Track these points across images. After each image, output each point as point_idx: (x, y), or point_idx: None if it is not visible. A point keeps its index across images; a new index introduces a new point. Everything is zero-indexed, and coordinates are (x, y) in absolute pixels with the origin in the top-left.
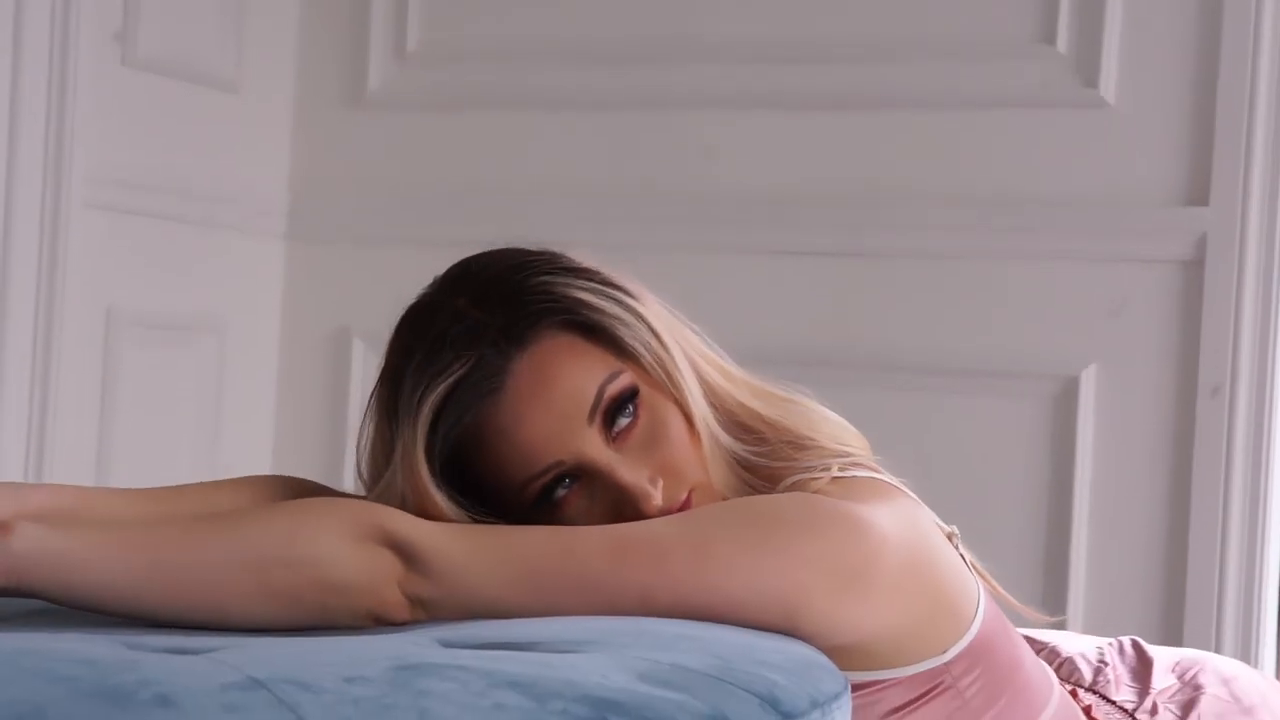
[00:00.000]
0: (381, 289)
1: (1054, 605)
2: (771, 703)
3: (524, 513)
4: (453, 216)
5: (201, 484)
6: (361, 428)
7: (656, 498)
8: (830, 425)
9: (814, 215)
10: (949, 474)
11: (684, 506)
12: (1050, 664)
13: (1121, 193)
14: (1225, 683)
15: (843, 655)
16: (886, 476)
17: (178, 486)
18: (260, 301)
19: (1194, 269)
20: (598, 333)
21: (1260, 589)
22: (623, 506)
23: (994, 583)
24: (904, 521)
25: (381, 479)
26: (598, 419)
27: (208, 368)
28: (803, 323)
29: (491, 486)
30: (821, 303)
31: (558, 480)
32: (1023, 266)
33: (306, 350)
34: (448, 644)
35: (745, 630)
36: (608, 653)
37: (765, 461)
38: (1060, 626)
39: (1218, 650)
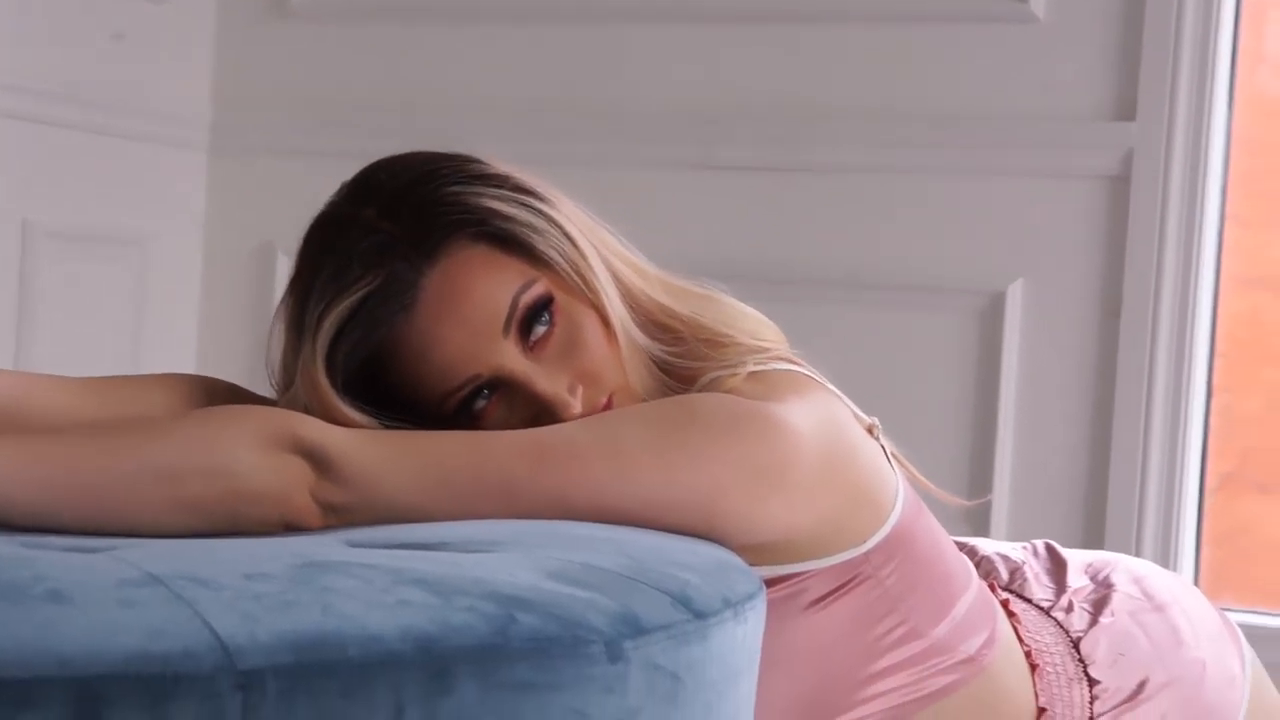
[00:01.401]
0: (306, 203)
1: (979, 514)
2: (684, 601)
3: (443, 426)
4: (377, 130)
5: (138, 378)
6: (270, 335)
7: (576, 406)
8: (747, 320)
9: (740, 130)
10: (876, 389)
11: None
12: (970, 562)
13: (1049, 108)
14: (1136, 581)
15: (762, 551)
16: (805, 369)
17: (113, 379)
18: (183, 215)
19: (1120, 184)
20: (510, 242)
21: (1179, 499)
22: (543, 416)
23: (915, 471)
24: (821, 416)
25: (289, 390)
26: (513, 330)
27: (129, 283)
28: (729, 238)
29: (408, 400)
30: (748, 218)
31: (476, 393)
32: (949, 181)
33: (230, 265)
34: (355, 544)
35: (661, 533)
36: (518, 553)
37: (682, 362)
38: (984, 509)
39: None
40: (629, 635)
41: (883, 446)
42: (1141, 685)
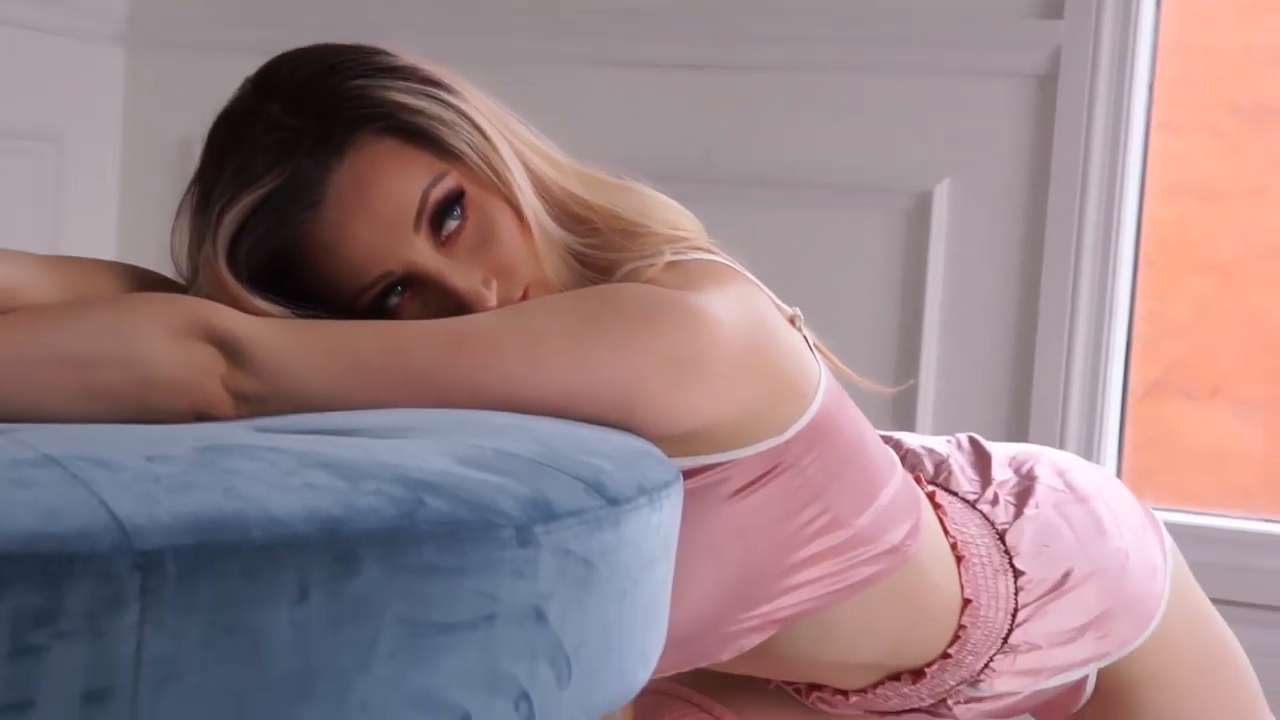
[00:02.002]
0: (226, 97)
1: (904, 410)
2: (597, 488)
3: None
4: (297, 22)
5: (89, 261)
6: (175, 227)
7: (491, 299)
8: (663, 209)
9: (666, 27)
10: (804, 287)
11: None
12: (895, 455)
13: (976, 5)
14: (1060, 474)
15: (682, 442)
16: (723, 258)
17: (62, 258)
18: (100, 110)
19: (1048, 84)
20: (418, 136)
21: (1103, 396)
22: (458, 312)
23: (837, 361)
24: (740, 305)
25: (194, 284)
26: (424, 225)
27: (46, 179)
28: (656, 137)
29: (319, 296)
30: (674, 117)
31: (388, 290)
32: (877, 81)
33: (149, 160)
34: (263, 430)
35: (577, 423)
36: (429, 439)
37: (598, 253)
38: (910, 404)
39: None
40: (540, 520)
41: (805, 337)
42: (1065, 576)
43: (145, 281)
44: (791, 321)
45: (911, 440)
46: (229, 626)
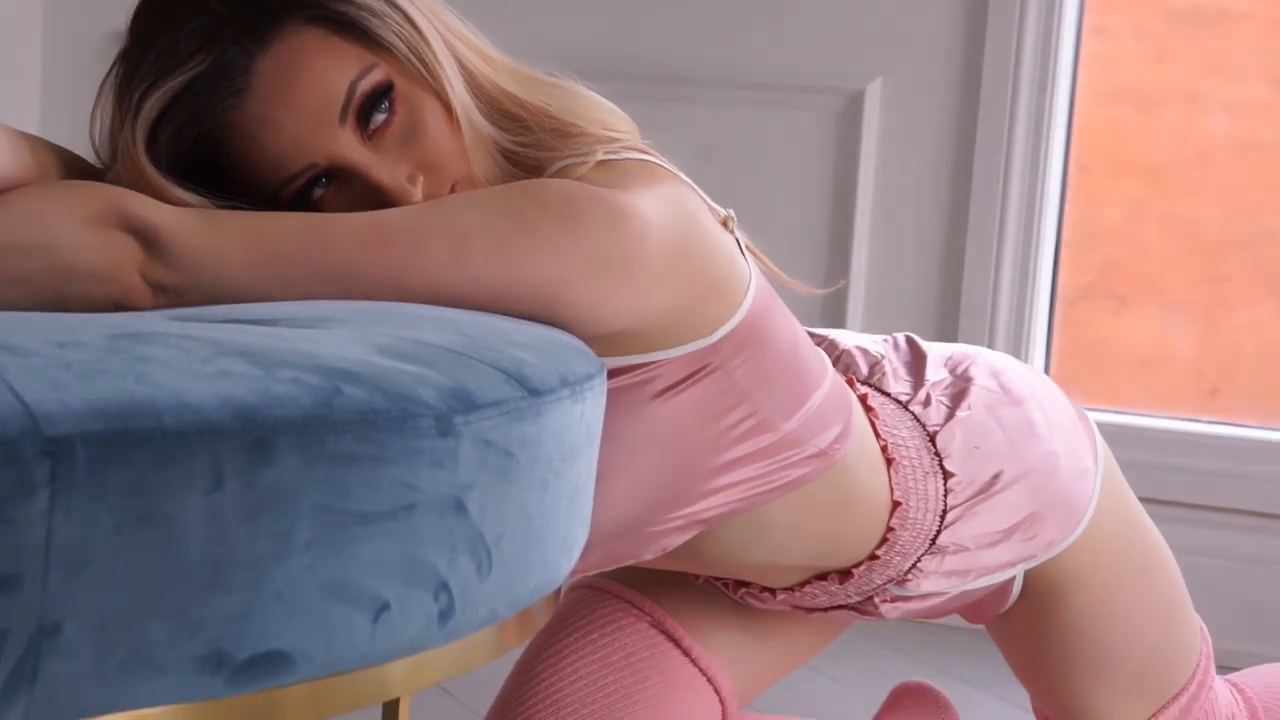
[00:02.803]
0: None
1: (835, 309)
2: (519, 379)
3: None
4: None
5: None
6: (96, 109)
7: (416, 195)
8: (597, 110)
9: None
10: (735, 186)
11: None
12: (828, 356)
13: None
14: (995, 375)
15: (610, 341)
16: (656, 158)
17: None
18: (20, 1)
19: None
20: (347, 26)
21: (1032, 299)
22: (383, 207)
23: (768, 263)
24: (671, 204)
25: (112, 169)
26: (350, 118)
27: None
28: (588, 34)
29: (242, 186)
30: (607, 14)
31: (312, 182)
32: None
33: (72, 55)
34: (179, 319)
35: (500, 316)
36: (349, 329)
37: (530, 151)
38: (840, 305)
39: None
40: (460, 410)
41: (736, 239)
42: (995, 478)
43: (71, 166)
44: (724, 223)
45: (847, 340)
46: (141, 514)
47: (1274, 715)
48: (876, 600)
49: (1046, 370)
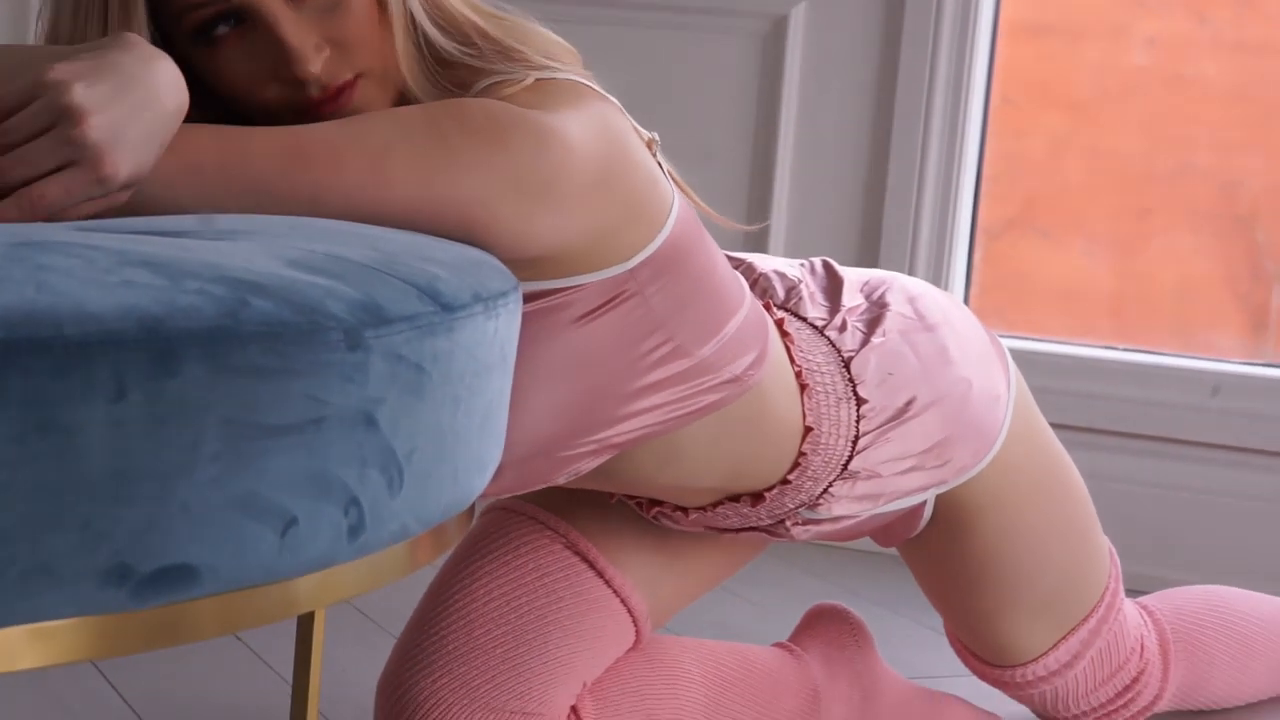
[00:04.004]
0: None
1: (758, 235)
2: (431, 294)
3: (179, 50)
4: None
5: None
6: None
7: (315, 64)
8: (542, 40)
9: None
10: (658, 110)
11: (342, 89)
12: (746, 280)
13: None
14: (910, 301)
15: (527, 265)
16: (592, 84)
17: None
18: None
19: None
20: None
21: (953, 224)
22: (280, 67)
23: (691, 193)
24: (595, 128)
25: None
26: None
27: None
28: None
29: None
30: None
31: (219, 18)
32: None
33: None
34: (83, 229)
35: (416, 233)
36: (258, 241)
37: (466, 61)
38: (762, 236)
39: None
40: (370, 324)
41: (660, 164)
42: (908, 404)
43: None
44: (649, 146)
45: (765, 263)
46: (40, 423)
47: (1182, 637)
48: (788, 523)
49: (965, 300)
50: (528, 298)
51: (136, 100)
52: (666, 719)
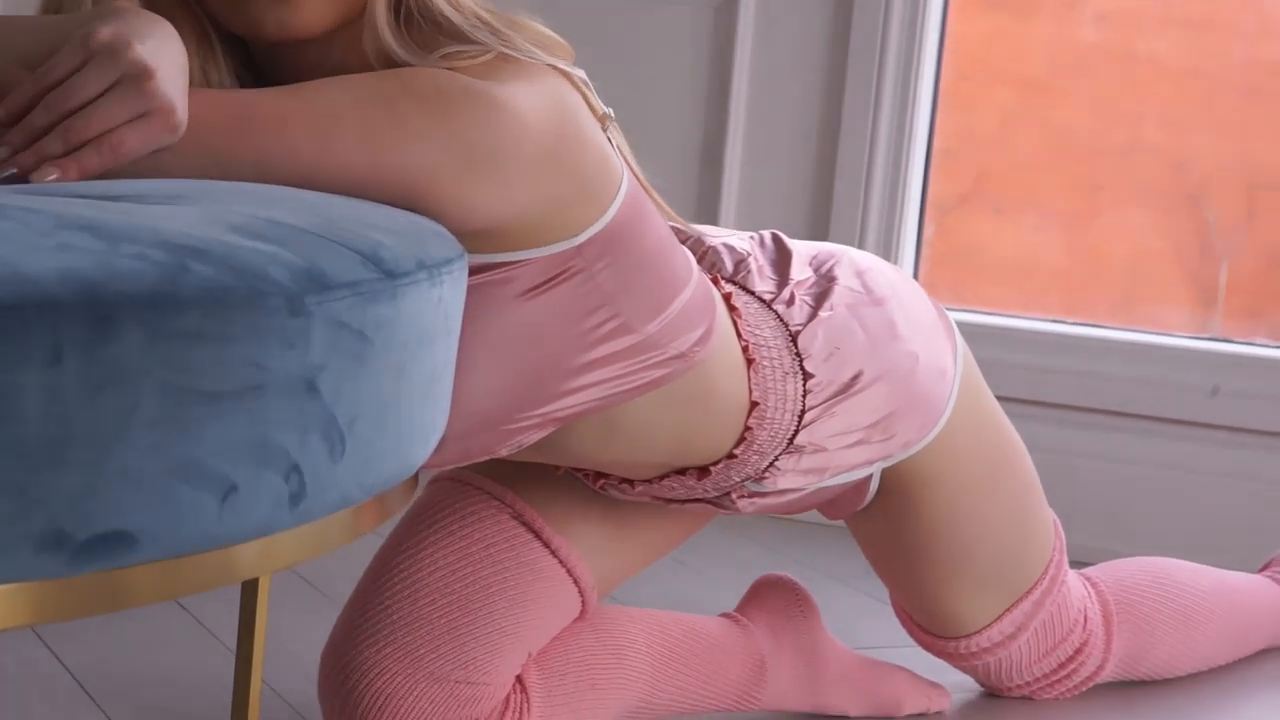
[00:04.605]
0: None
1: (708, 205)
2: (374, 260)
3: None
4: None
5: None
6: None
7: None
8: (534, 31)
9: None
10: (608, 81)
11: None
12: (694, 254)
13: None
14: (859, 275)
15: (473, 238)
16: (570, 70)
17: None
18: None
19: None
20: None
21: (903, 198)
22: None
23: (643, 181)
24: (546, 103)
25: None
26: None
27: None
28: None
29: None
30: None
31: None
32: None
33: None
34: (21, 191)
35: (361, 201)
36: (200, 206)
37: (448, 22)
38: (713, 201)
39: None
40: (312, 290)
41: (613, 141)
42: (855, 378)
43: None
44: (602, 122)
45: (714, 236)
46: None
47: (1125, 607)
48: (734, 496)
49: (915, 274)
50: (473, 270)
51: (173, 57)
52: (612, 688)
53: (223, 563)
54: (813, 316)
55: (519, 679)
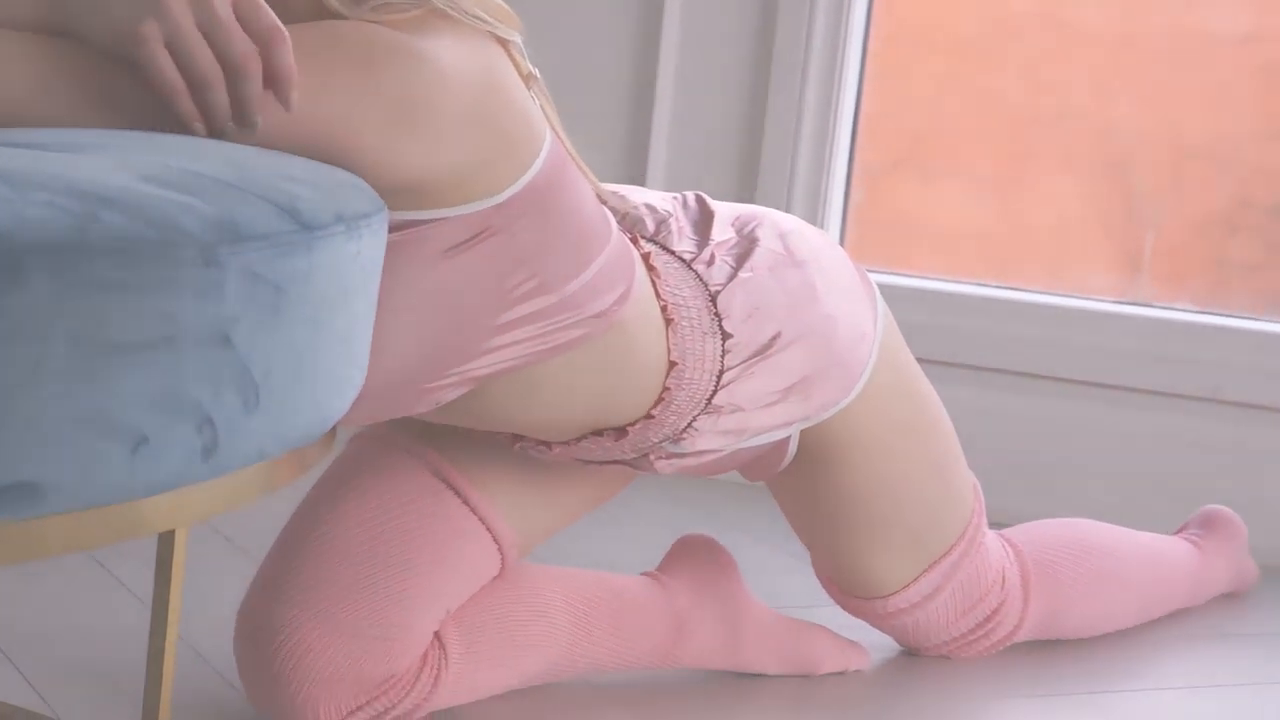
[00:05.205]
0: None
1: (636, 167)
2: (291, 212)
3: None
4: None
5: None
6: None
7: None
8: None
9: None
10: (535, 41)
11: None
12: (616, 213)
13: None
14: (781, 237)
15: (393, 195)
16: (511, 37)
17: None
18: None
19: None
20: None
21: (830, 162)
22: None
23: (567, 144)
24: (470, 60)
25: None
26: None
27: None
28: None
29: None
30: None
31: None
32: None
33: None
34: None
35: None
36: (113, 155)
37: None
38: (640, 163)
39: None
40: (226, 241)
41: (537, 102)
42: (773, 339)
43: None
44: (527, 81)
45: (637, 196)
46: None
47: (1043, 569)
48: (652, 457)
49: (841, 237)
50: (394, 228)
51: None
52: (531, 646)
53: (134, 514)
54: (733, 277)
55: (437, 635)
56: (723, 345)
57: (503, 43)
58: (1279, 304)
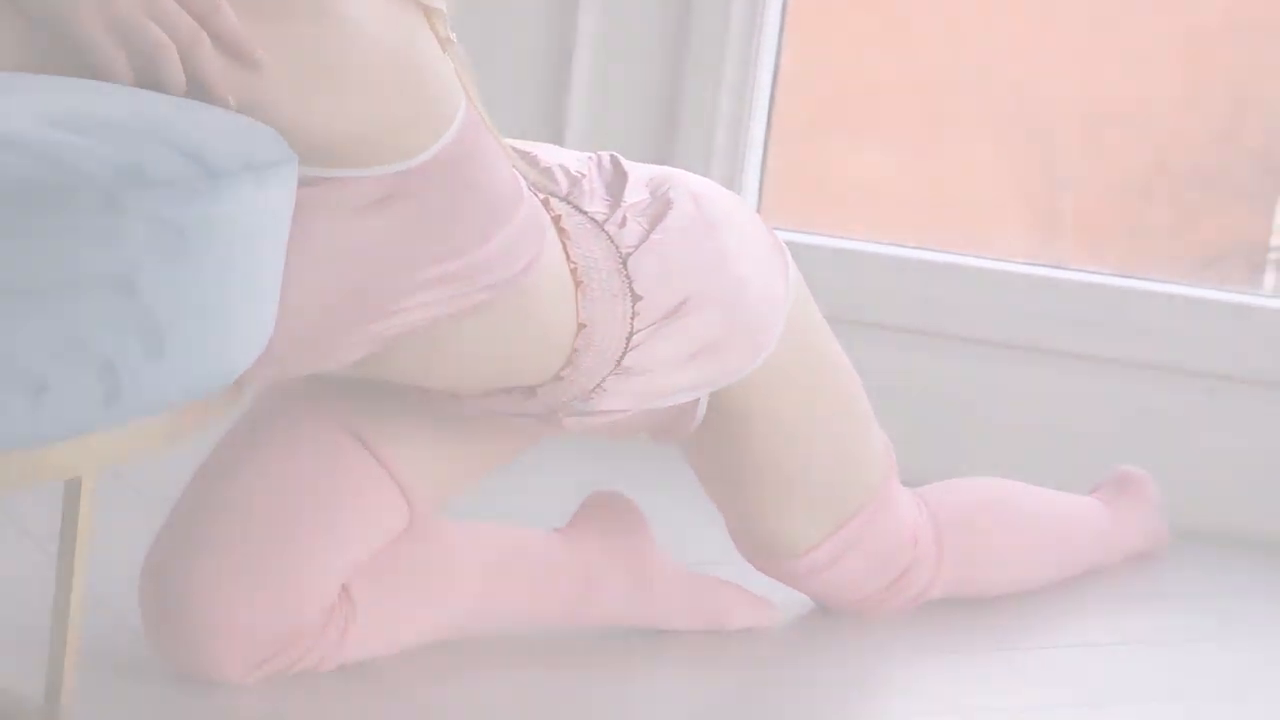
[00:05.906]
0: None
1: (553, 128)
2: (197, 158)
3: None
4: None
5: None
6: None
7: None
8: None
9: None
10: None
11: None
12: (527, 179)
13: None
14: (694, 199)
15: (306, 151)
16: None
17: None
18: None
19: None
20: None
21: (749, 120)
22: None
23: (481, 110)
24: (384, 19)
25: None
26: None
27: None
28: None
29: None
30: None
31: None
32: None
33: None
34: None
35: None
36: (14, 97)
37: None
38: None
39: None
40: (129, 186)
41: (454, 66)
42: (684, 302)
43: None
44: (444, 45)
45: (551, 156)
46: None
47: (956, 527)
48: (561, 415)
49: (759, 199)
50: (302, 183)
51: None
52: (439, 600)
53: (34, 461)
54: (644, 239)
55: (345, 589)
56: (633, 307)
57: (426, 9)
58: (1195, 267)
